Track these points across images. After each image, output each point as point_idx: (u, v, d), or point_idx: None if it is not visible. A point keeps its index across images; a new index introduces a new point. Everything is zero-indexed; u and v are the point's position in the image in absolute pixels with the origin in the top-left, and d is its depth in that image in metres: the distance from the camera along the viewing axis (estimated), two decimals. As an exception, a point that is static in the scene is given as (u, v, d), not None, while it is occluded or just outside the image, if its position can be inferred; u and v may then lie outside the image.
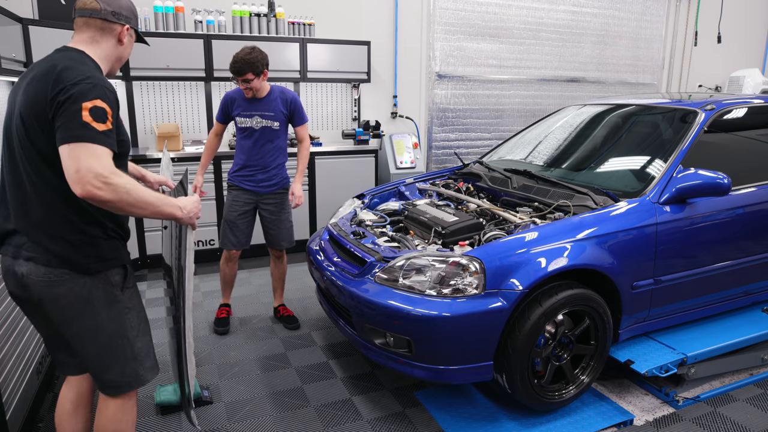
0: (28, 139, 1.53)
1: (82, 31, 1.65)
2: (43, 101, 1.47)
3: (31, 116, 1.50)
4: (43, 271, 1.56)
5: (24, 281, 1.59)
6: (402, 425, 2.43)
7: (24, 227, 1.58)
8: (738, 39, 7.46)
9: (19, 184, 1.58)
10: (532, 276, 2.22)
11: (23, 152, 1.55)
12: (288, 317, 3.46)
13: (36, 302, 1.62)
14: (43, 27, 3.83)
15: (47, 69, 1.51)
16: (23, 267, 1.58)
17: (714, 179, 2.46)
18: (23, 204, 1.58)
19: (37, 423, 2.39)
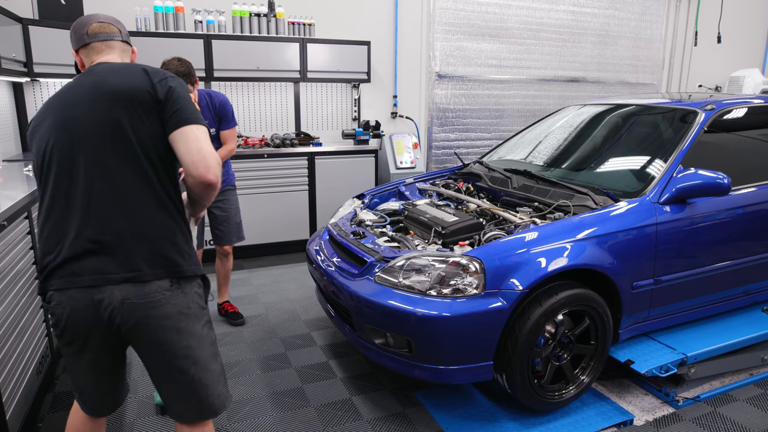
0: (131, 139, 1.46)
1: (109, 52, 1.65)
2: (143, 93, 1.48)
3: (134, 113, 1.46)
4: (145, 291, 1.44)
5: (115, 310, 1.43)
6: (402, 425, 2.43)
7: (116, 244, 1.44)
8: (738, 39, 7.46)
9: (105, 196, 1.45)
10: (532, 276, 2.22)
11: (123, 156, 1.46)
12: (233, 313, 3.48)
13: (125, 331, 1.48)
14: (43, 27, 3.83)
15: (125, 70, 1.54)
16: (116, 293, 1.43)
17: (714, 179, 2.46)
18: (116, 216, 1.45)
19: (37, 423, 2.39)
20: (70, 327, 1.48)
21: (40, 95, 4.29)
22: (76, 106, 1.50)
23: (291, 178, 4.80)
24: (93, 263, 1.44)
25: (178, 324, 1.50)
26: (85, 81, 1.54)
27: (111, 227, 1.45)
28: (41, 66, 3.87)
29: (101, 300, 1.43)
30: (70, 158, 1.47)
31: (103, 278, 1.43)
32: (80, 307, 1.44)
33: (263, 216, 4.74)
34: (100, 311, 1.44)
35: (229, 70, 4.64)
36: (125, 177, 1.47)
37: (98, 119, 1.47)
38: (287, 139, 4.83)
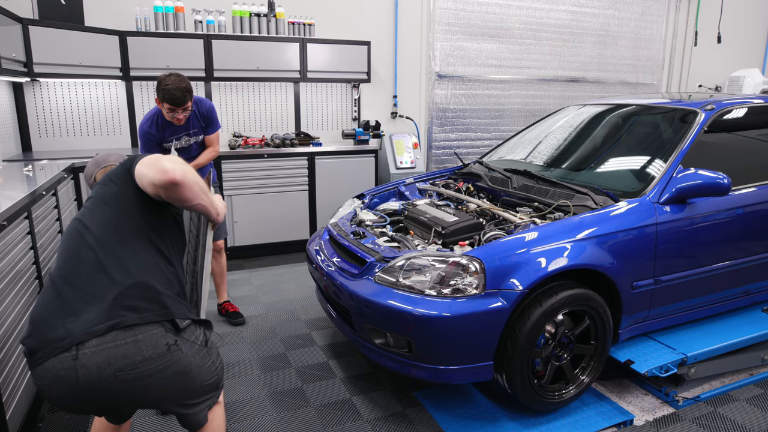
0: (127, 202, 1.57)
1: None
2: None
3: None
4: (147, 354, 1.40)
5: (116, 380, 1.38)
6: (402, 425, 2.43)
7: (126, 305, 1.42)
8: (738, 39, 7.47)
9: (115, 259, 1.48)
10: (532, 276, 2.22)
11: (126, 220, 1.55)
12: (233, 313, 3.49)
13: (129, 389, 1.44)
14: (43, 27, 3.83)
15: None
16: (112, 361, 1.37)
17: (714, 179, 2.46)
18: (115, 280, 1.44)
19: (37, 423, 2.39)
20: (63, 398, 1.49)
21: (40, 95, 4.29)
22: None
23: (291, 178, 4.80)
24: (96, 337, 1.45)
25: (182, 371, 1.50)
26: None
27: (116, 294, 1.50)
28: (41, 66, 3.87)
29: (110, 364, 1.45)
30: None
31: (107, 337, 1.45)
32: (83, 373, 1.45)
33: (263, 216, 4.74)
34: (108, 373, 1.44)
35: (229, 70, 4.64)
36: (126, 236, 1.57)
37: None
38: (287, 139, 4.84)
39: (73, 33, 4.02)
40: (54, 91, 4.33)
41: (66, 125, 4.43)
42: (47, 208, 2.94)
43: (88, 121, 4.52)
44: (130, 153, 4.19)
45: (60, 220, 3.18)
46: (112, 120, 4.61)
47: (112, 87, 4.55)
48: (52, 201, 3.06)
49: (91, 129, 4.54)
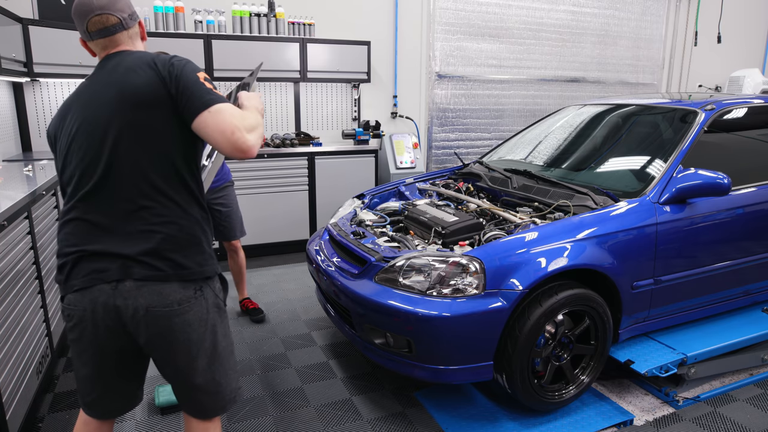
0: (150, 139, 1.43)
1: (114, 46, 1.56)
2: (156, 87, 1.43)
3: (147, 110, 1.43)
4: (169, 300, 1.43)
5: (138, 317, 1.43)
6: (402, 425, 2.43)
7: (141, 249, 1.42)
8: (738, 39, 7.46)
9: (128, 205, 1.44)
10: (532, 276, 2.22)
11: (145, 164, 1.43)
12: (254, 309, 3.52)
13: (147, 339, 1.46)
14: (43, 27, 3.83)
15: (134, 65, 1.47)
16: (139, 300, 1.42)
17: (714, 179, 2.46)
18: (136, 225, 1.43)
19: (37, 423, 2.40)
20: (91, 332, 1.51)
21: (40, 95, 4.29)
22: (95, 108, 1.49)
23: (291, 178, 4.80)
24: (114, 271, 1.47)
25: (198, 329, 1.50)
26: (99, 80, 1.52)
27: (130, 238, 1.49)
28: (41, 66, 3.87)
29: (132, 306, 1.45)
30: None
31: (125, 285, 1.46)
32: (105, 309, 1.48)
33: (263, 216, 4.74)
34: (126, 317, 1.46)
35: (229, 70, 4.64)
36: (148, 183, 1.47)
37: (95, 125, 1.47)
38: (287, 139, 4.83)
39: (73, 33, 4.02)
40: (54, 91, 4.33)
41: (66, 125, 4.42)
42: (47, 208, 2.94)
43: (88, 121, 4.51)
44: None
45: (60, 220, 3.18)
46: (112, 120, 4.61)
47: (112, 87, 4.54)
48: (52, 201, 3.06)
49: (91, 129, 4.53)
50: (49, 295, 2.77)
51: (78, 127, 1.48)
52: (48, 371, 2.65)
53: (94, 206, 1.46)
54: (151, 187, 1.45)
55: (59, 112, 1.56)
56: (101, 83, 1.51)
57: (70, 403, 2.56)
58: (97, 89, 1.50)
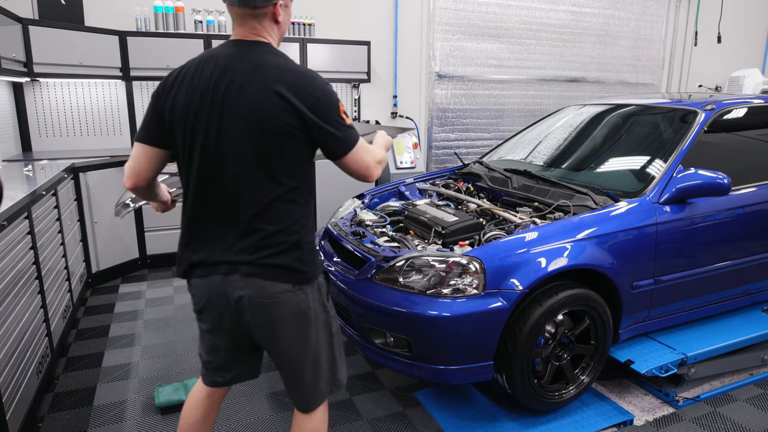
0: (261, 145, 1.46)
1: (241, 22, 1.53)
2: (279, 112, 1.44)
3: (261, 119, 1.44)
4: (270, 291, 1.51)
5: (242, 304, 1.53)
6: (402, 425, 2.43)
7: (242, 242, 1.50)
8: (738, 39, 7.46)
9: (237, 200, 1.50)
10: (532, 276, 2.22)
11: (253, 162, 1.47)
12: None
13: (253, 323, 1.57)
14: (43, 27, 3.83)
15: (268, 73, 1.46)
16: (243, 290, 1.51)
17: (714, 179, 2.46)
18: (239, 216, 1.50)
19: (37, 423, 2.40)
20: (208, 311, 1.65)
21: (40, 95, 4.29)
22: (199, 94, 1.49)
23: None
24: (224, 265, 1.56)
25: (297, 322, 1.58)
26: (236, 64, 1.49)
27: (237, 234, 1.56)
28: (41, 66, 3.87)
29: (236, 295, 1.55)
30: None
31: (233, 273, 1.55)
32: (220, 296, 1.58)
33: (263, 216, 4.73)
34: (233, 304, 1.56)
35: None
36: (252, 181, 1.53)
37: (209, 120, 1.51)
38: (287, 139, 4.83)
39: (73, 33, 4.02)
40: (54, 91, 4.33)
41: (66, 125, 4.43)
42: (47, 208, 2.94)
43: (88, 121, 4.52)
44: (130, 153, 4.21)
45: (60, 220, 3.18)
46: (112, 120, 4.61)
47: (112, 87, 4.55)
48: (52, 201, 3.06)
49: (91, 129, 4.54)
50: (49, 295, 2.77)
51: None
52: (48, 371, 2.65)
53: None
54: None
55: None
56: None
57: (70, 403, 2.57)
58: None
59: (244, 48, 1.51)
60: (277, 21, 1.55)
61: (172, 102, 1.51)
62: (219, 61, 1.49)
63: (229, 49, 1.52)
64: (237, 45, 1.52)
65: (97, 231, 3.98)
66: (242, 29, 1.54)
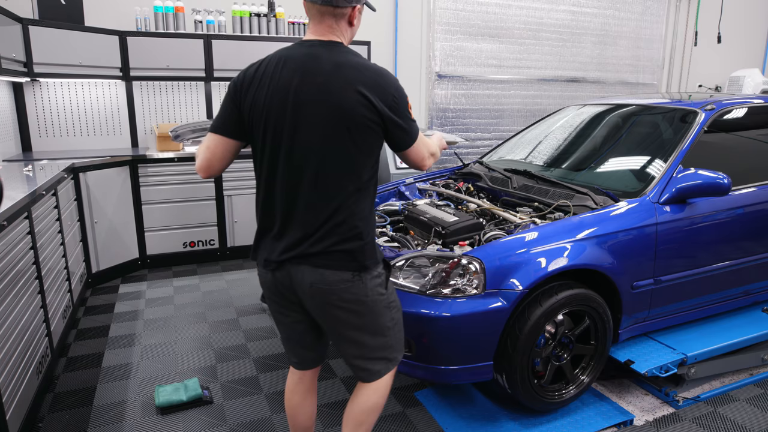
0: (342, 141, 1.54)
1: (319, 20, 1.61)
2: (360, 108, 1.52)
3: (344, 116, 1.52)
4: (336, 278, 1.60)
5: (311, 289, 1.62)
6: (402, 425, 2.43)
7: (312, 233, 1.59)
8: (738, 39, 7.46)
9: (303, 190, 1.59)
10: (532, 276, 2.22)
11: (323, 154, 1.55)
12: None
13: (316, 308, 1.67)
14: (43, 27, 3.83)
15: (347, 71, 1.53)
16: (311, 275, 1.60)
17: (714, 179, 2.46)
18: (311, 209, 1.59)
19: (37, 423, 2.40)
20: (276, 293, 1.76)
21: (40, 95, 4.29)
22: (280, 91, 1.57)
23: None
24: (295, 248, 1.64)
25: (358, 308, 1.66)
26: (309, 63, 1.56)
27: (304, 221, 1.65)
28: (41, 66, 3.87)
29: (307, 280, 1.64)
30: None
31: (304, 259, 1.64)
32: (286, 279, 1.68)
33: (263, 216, 4.73)
34: (303, 287, 1.65)
35: (229, 70, 4.64)
36: (321, 174, 1.62)
37: (283, 111, 1.58)
38: (287, 139, 4.83)
39: (73, 33, 4.02)
40: (54, 91, 4.33)
41: (66, 125, 4.43)
42: (47, 208, 2.94)
43: (88, 121, 4.52)
44: (130, 154, 4.22)
45: (60, 220, 3.18)
46: (112, 120, 4.61)
47: (112, 87, 4.55)
48: (52, 201, 3.06)
49: (91, 129, 4.54)
50: (49, 295, 2.77)
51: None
52: (48, 371, 2.65)
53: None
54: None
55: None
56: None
57: (70, 403, 2.57)
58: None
59: (323, 48, 1.58)
60: (352, 24, 1.65)
61: (252, 99, 1.58)
62: (299, 61, 1.56)
63: (307, 49, 1.59)
64: (315, 45, 1.59)
65: (97, 231, 3.98)
66: (319, 27, 1.61)
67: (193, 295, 3.92)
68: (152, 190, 4.30)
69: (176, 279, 4.23)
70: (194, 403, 2.54)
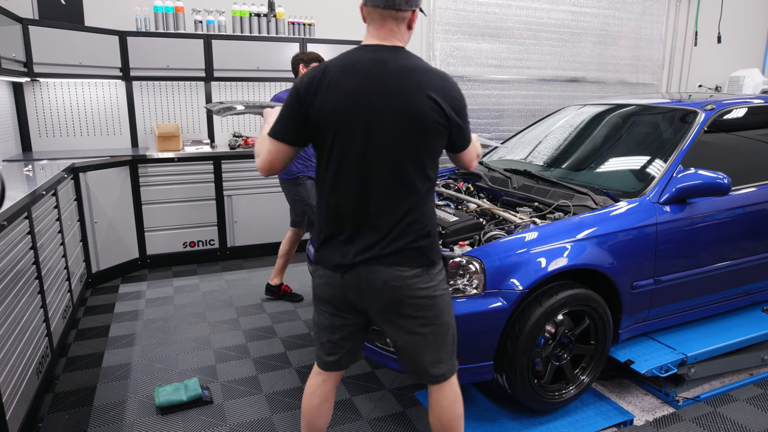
0: (414, 144, 1.59)
1: (380, 24, 1.63)
2: (431, 112, 1.57)
3: (415, 120, 1.57)
4: (409, 274, 1.63)
5: (385, 287, 1.63)
6: (402, 425, 2.43)
7: (386, 234, 1.62)
8: (738, 39, 7.46)
9: (377, 189, 1.61)
10: (532, 276, 2.22)
11: (397, 157, 1.59)
12: (293, 294, 3.85)
13: (383, 306, 1.68)
14: (43, 27, 3.83)
15: (419, 78, 1.57)
16: (385, 273, 1.63)
17: (714, 179, 2.46)
18: (385, 211, 1.62)
19: (37, 423, 2.40)
20: (332, 297, 1.76)
21: (40, 95, 4.29)
22: (351, 98, 1.58)
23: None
24: (368, 248, 1.66)
25: (428, 303, 1.69)
26: (379, 68, 1.58)
27: (380, 218, 1.67)
28: (41, 66, 3.88)
29: (380, 278, 1.66)
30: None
31: (377, 259, 1.66)
32: (357, 280, 1.69)
33: (263, 216, 4.74)
34: (372, 286, 1.67)
35: (229, 70, 4.64)
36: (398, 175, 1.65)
37: (355, 115, 1.60)
38: (287, 139, 4.83)
39: (73, 33, 4.03)
40: (54, 91, 4.33)
41: (66, 125, 4.43)
42: (47, 208, 2.94)
43: (88, 121, 4.52)
44: (130, 154, 4.22)
45: (60, 220, 3.18)
46: (112, 120, 4.61)
47: (112, 87, 4.55)
48: (52, 201, 3.06)
49: (91, 129, 4.54)
50: (49, 295, 2.77)
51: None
52: (48, 371, 2.65)
53: None
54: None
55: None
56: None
57: (70, 403, 2.57)
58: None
59: (389, 53, 1.61)
60: (411, 27, 1.67)
61: (320, 103, 1.58)
62: (367, 65, 1.59)
63: (373, 54, 1.61)
64: (381, 50, 1.62)
65: (97, 231, 3.98)
66: (380, 31, 1.63)
67: (193, 295, 3.92)
68: (152, 190, 4.31)
69: (176, 279, 4.23)
70: (194, 403, 2.54)
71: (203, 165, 4.43)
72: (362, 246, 1.63)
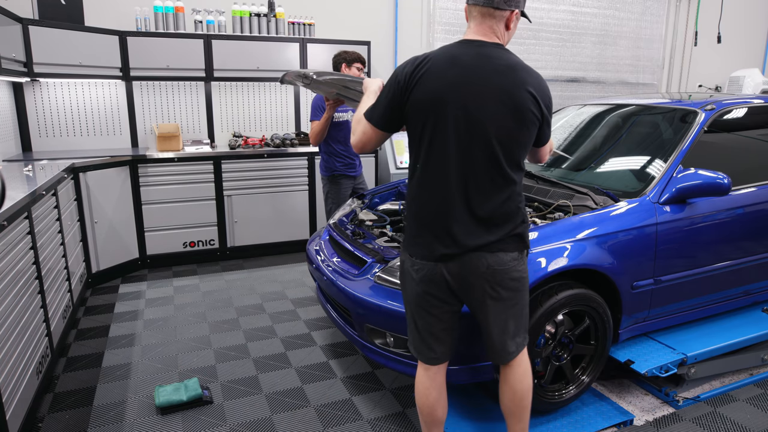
0: (514, 136, 1.68)
1: (480, 21, 1.73)
2: (531, 106, 1.68)
3: (516, 113, 1.66)
4: (504, 259, 1.74)
5: (488, 271, 1.72)
6: (402, 425, 2.43)
7: (488, 222, 1.71)
8: (738, 39, 7.46)
9: (484, 180, 1.69)
10: (532, 276, 2.21)
11: (497, 148, 1.67)
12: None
13: (483, 291, 1.76)
14: (43, 27, 3.83)
15: (518, 76, 1.68)
16: (489, 259, 1.72)
17: (714, 179, 2.46)
18: (486, 199, 1.70)
19: (37, 423, 2.40)
20: (437, 289, 1.82)
21: (40, 95, 4.29)
22: (459, 86, 1.66)
23: (291, 178, 4.80)
24: (473, 238, 1.76)
25: (519, 285, 1.82)
26: (487, 63, 1.68)
27: (487, 209, 1.76)
28: (41, 66, 3.88)
29: (485, 263, 1.75)
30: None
31: (487, 246, 1.76)
32: (473, 267, 1.77)
33: (263, 216, 4.74)
34: (480, 273, 1.76)
35: (229, 70, 4.64)
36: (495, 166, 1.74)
37: (460, 109, 1.68)
38: (287, 139, 4.84)
39: (73, 33, 4.03)
40: (54, 91, 4.33)
41: (66, 125, 4.43)
42: (47, 208, 2.94)
43: (88, 121, 4.52)
44: (130, 154, 4.22)
45: (60, 220, 3.18)
46: (112, 120, 4.61)
47: (112, 87, 4.55)
48: (52, 201, 3.06)
49: (91, 129, 4.54)
50: (49, 295, 2.77)
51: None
52: (48, 371, 2.65)
53: None
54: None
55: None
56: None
57: (70, 403, 2.57)
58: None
59: (492, 48, 1.70)
60: (509, 27, 1.77)
61: (421, 93, 1.66)
62: (472, 59, 1.67)
63: (477, 48, 1.70)
64: (484, 45, 1.71)
65: (97, 231, 3.98)
66: (480, 28, 1.73)
67: (193, 295, 3.92)
68: (152, 190, 4.31)
69: (176, 279, 4.23)
70: (194, 403, 2.54)
71: (203, 165, 4.43)
72: (466, 235, 1.70)
